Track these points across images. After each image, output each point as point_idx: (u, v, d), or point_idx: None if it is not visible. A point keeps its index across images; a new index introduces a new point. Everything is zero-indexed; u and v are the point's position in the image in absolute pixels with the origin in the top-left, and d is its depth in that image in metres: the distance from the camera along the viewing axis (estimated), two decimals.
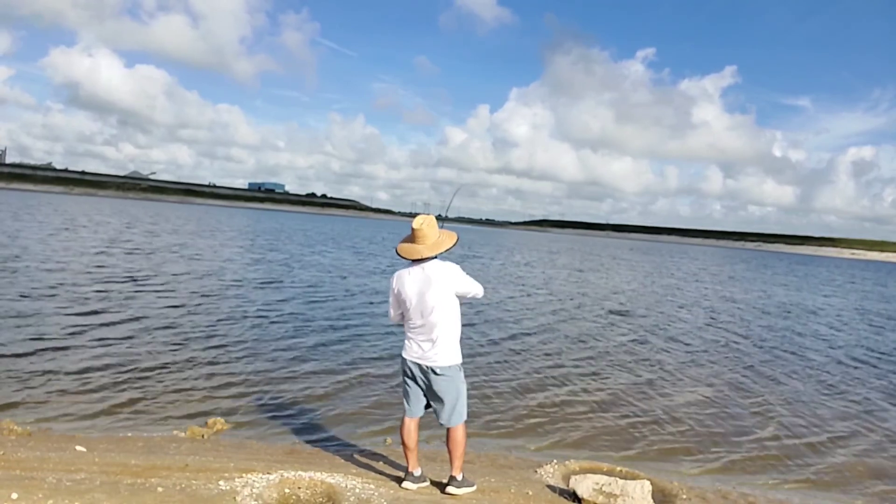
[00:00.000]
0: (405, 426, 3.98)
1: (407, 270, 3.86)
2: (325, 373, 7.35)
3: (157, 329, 8.80)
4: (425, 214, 3.89)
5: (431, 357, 3.79)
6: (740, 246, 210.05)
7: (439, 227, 3.90)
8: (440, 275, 3.77)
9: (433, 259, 3.82)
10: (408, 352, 3.89)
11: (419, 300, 3.77)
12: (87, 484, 3.45)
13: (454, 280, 3.80)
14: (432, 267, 3.78)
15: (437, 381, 3.81)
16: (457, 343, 3.87)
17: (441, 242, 3.81)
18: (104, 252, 18.65)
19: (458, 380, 3.87)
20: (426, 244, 3.79)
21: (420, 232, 3.78)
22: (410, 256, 3.80)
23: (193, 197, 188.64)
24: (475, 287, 3.90)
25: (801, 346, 12.14)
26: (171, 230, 34.04)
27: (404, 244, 3.86)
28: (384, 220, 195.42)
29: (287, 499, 3.69)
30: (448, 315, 3.79)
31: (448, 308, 3.79)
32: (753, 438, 6.29)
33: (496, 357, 8.92)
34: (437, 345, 3.78)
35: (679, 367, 9.31)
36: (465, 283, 3.84)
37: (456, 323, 3.85)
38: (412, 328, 3.87)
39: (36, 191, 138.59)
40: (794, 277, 40.04)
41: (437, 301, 3.74)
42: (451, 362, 3.82)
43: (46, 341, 7.53)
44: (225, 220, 59.71)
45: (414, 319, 3.83)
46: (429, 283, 3.75)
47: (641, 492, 4.06)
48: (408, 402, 3.99)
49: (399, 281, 3.88)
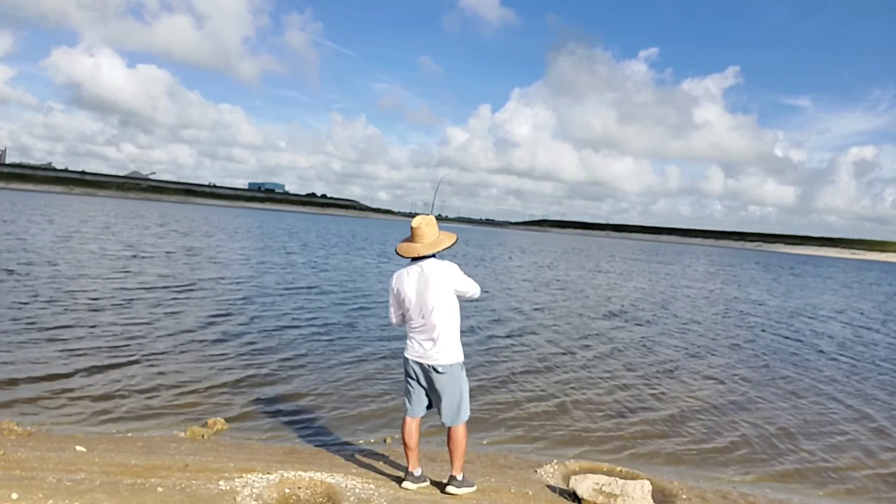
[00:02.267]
0: (406, 426, 3.99)
1: (406, 270, 3.89)
2: (325, 373, 7.35)
3: (157, 329, 8.80)
4: (425, 214, 3.93)
5: (433, 356, 3.80)
6: (740, 246, 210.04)
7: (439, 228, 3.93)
8: (438, 273, 3.79)
9: (431, 258, 3.85)
10: (410, 351, 3.91)
11: (419, 299, 3.79)
12: (87, 484, 3.45)
13: (452, 278, 3.82)
14: (430, 266, 3.81)
15: (439, 379, 3.82)
16: (458, 341, 3.88)
17: (439, 241, 3.85)
18: (103, 252, 18.65)
19: (460, 378, 3.88)
20: (424, 242, 3.83)
21: (419, 230, 3.82)
22: (408, 254, 3.85)
23: (193, 197, 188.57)
24: (472, 286, 3.92)
25: (806, 347, 12.14)
26: (170, 230, 34.04)
27: (403, 243, 3.90)
28: (384, 220, 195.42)
29: (287, 499, 3.69)
30: (448, 313, 3.80)
31: (448, 306, 3.80)
32: (754, 438, 6.29)
33: (496, 357, 8.91)
34: (438, 343, 3.79)
35: (680, 368, 9.31)
36: (463, 281, 3.87)
37: (456, 321, 3.87)
38: (413, 328, 3.88)
39: (36, 191, 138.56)
40: (815, 279, 40.04)
41: (436, 300, 3.76)
42: (453, 360, 3.83)
43: (46, 341, 7.53)
44: (230, 220, 59.69)
45: (414, 319, 3.84)
46: (427, 281, 3.77)
47: (641, 492, 4.06)
48: (409, 402, 4.00)
49: (398, 281, 3.90)
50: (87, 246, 20.14)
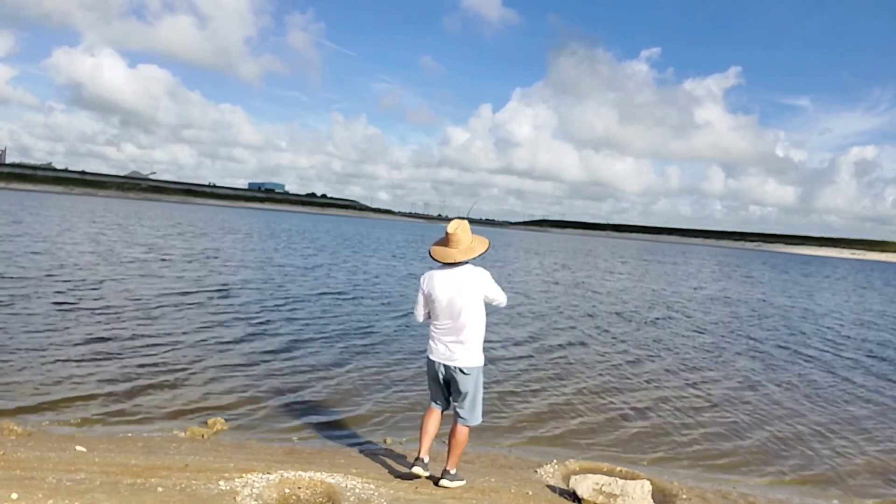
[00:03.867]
0: (429, 412, 4.14)
1: (439, 272, 3.97)
2: (325, 373, 7.35)
3: (157, 329, 8.80)
4: (459, 219, 4.00)
5: (458, 358, 3.91)
6: (740, 246, 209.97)
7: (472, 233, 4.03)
8: (471, 279, 3.89)
9: (465, 264, 3.93)
10: (434, 353, 4.01)
11: (449, 303, 3.89)
12: (87, 484, 3.45)
13: (484, 285, 3.92)
14: (464, 271, 3.91)
15: (464, 380, 3.94)
16: (481, 346, 4.00)
17: (473, 248, 3.94)
18: (103, 252, 18.66)
19: (480, 380, 4.03)
20: (459, 248, 3.91)
21: (454, 236, 3.90)
22: (444, 259, 3.92)
23: (193, 197, 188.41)
24: (501, 295, 4.04)
25: (808, 347, 12.14)
26: (170, 230, 34.04)
27: (437, 247, 4.00)
28: (384, 220, 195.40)
29: (287, 499, 3.69)
30: (476, 318, 3.91)
31: (477, 311, 3.91)
32: (754, 439, 6.29)
33: (496, 357, 8.91)
34: (465, 346, 3.90)
35: (680, 368, 9.31)
36: (493, 289, 3.97)
37: (482, 326, 3.99)
38: (440, 329, 3.97)
39: (35, 191, 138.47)
40: (827, 280, 40.02)
41: (466, 304, 3.86)
42: (477, 363, 3.96)
43: (46, 341, 7.53)
44: (234, 220, 59.69)
45: (442, 320, 3.94)
46: (460, 286, 3.87)
47: (641, 492, 4.06)
48: (435, 400, 4.16)
49: (430, 282, 3.98)
50: (81, 247, 20.14)
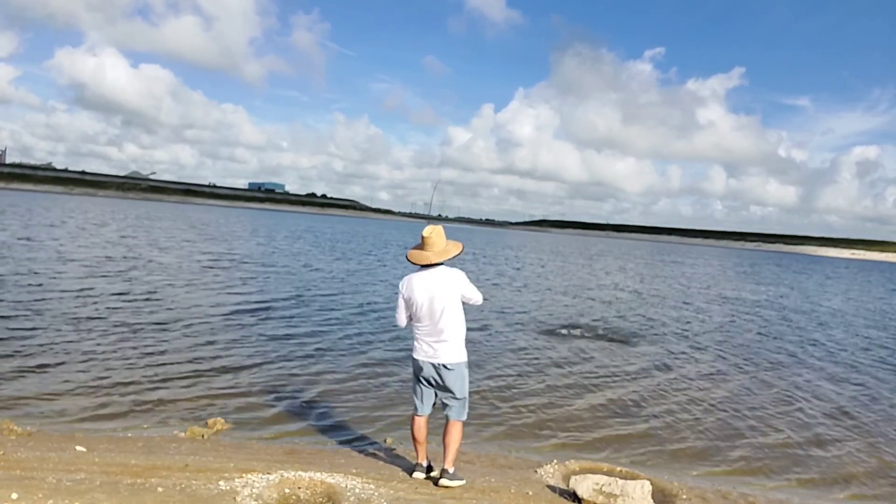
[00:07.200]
0: (416, 423, 4.22)
1: (416, 275, 4.13)
2: (325, 373, 7.35)
3: (157, 329, 8.80)
4: (434, 225, 4.19)
5: (442, 355, 4.04)
6: (740, 246, 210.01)
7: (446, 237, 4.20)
8: (448, 280, 4.06)
9: (440, 265, 4.11)
10: (419, 353, 4.12)
11: (429, 304, 4.03)
12: (87, 484, 3.45)
13: (460, 285, 4.10)
14: (441, 272, 4.08)
15: (449, 376, 4.06)
16: (463, 343, 4.14)
17: (448, 250, 4.13)
18: (94, 255, 18.65)
19: (465, 376, 4.15)
20: (434, 251, 4.10)
21: (430, 240, 4.09)
22: (420, 262, 4.11)
23: (193, 197, 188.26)
24: (476, 294, 4.21)
25: (809, 348, 12.15)
26: (173, 231, 34.03)
27: (414, 251, 4.18)
28: (384, 220, 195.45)
29: (287, 499, 3.69)
30: (456, 317, 4.06)
31: (456, 311, 4.06)
32: (754, 439, 6.30)
33: (496, 356, 8.91)
34: (448, 344, 4.04)
35: (680, 369, 9.31)
36: (469, 288, 4.14)
37: (462, 324, 4.13)
38: (422, 330, 4.09)
39: (35, 191, 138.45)
40: (830, 279, 40.02)
41: (445, 304, 4.01)
42: (461, 359, 4.10)
43: (47, 341, 7.53)
44: (234, 221, 59.70)
45: (423, 321, 4.07)
46: (437, 287, 4.03)
47: (641, 492, 4.06)
48: (420, 401, 4.21)
49: (409, 286, 4.12)
50: (77, 250, 20.13)
